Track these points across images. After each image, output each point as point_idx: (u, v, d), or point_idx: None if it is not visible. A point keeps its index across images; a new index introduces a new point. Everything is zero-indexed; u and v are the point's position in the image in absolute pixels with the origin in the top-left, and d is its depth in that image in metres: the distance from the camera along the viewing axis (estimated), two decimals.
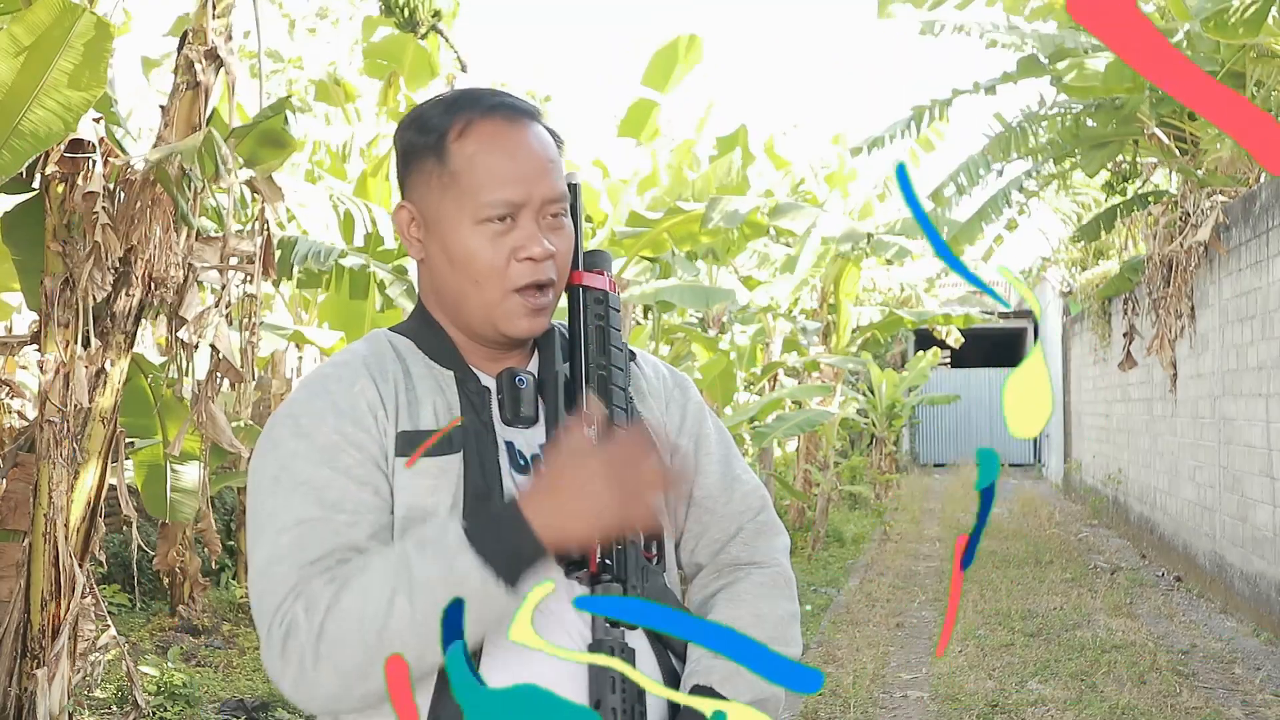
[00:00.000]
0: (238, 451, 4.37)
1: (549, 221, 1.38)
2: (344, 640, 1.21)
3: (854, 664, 6.12)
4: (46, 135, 3.45)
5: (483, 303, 1.38)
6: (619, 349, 1.43)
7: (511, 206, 1.36)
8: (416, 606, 1.21)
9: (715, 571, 1.49)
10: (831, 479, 11.33)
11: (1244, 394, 7.45)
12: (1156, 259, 9.00)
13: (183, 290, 3.98)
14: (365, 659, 1.21)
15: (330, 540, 1.27)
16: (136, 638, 6.26)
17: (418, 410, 1.37)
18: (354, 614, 1.22)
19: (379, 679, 1.22)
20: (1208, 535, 8.46)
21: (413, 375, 1.40)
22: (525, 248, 1.35)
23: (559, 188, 1.39)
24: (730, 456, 1.56)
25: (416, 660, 1.22)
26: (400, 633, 1.21)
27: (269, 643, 1.25)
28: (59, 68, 3.32)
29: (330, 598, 1.23)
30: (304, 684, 1.24)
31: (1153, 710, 5.31)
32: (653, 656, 1.38)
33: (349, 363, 1.40)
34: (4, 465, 3.99)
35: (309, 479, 1.30)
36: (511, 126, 1.39)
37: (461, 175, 1.36)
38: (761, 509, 1.54)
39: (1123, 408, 12.17)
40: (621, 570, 1.34)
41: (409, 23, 4.51)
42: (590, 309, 1.42)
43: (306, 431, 1.32)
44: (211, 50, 3.94)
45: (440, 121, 1.39)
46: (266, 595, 1.27)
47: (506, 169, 1.36)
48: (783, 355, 11.60)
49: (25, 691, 3.86)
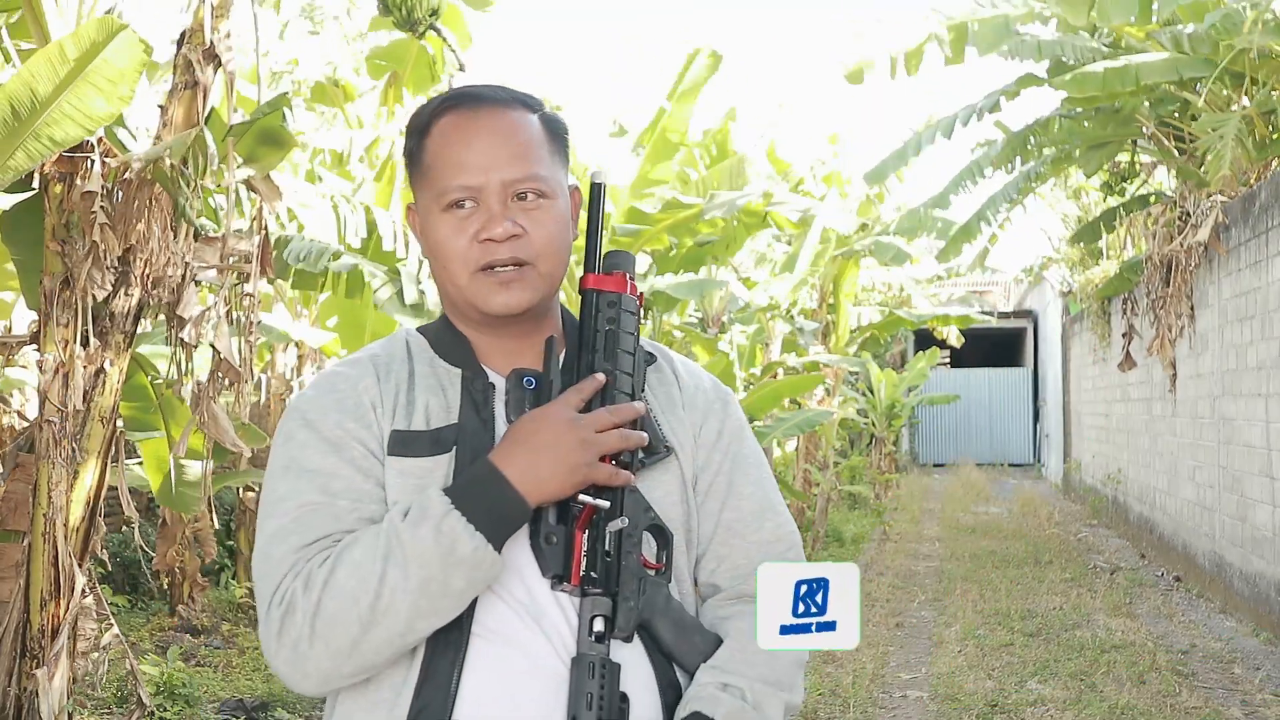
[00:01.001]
0: (240, 451, 4.37)
1: (519, 205, 1.39)
2: (339, 616, 1.25)
3: (854, 664, 6.12)
4: (63, 140, 3.49)
5: (456, 286, 1.41)
6: (628, 353, 1.41)
7: (469, 191, 1.39)
8: (409, 574, 1.25)
9: (733, 598, 1.45)
10: (831, 479, 11.34)
11: (1243, 394, 7.45)
12: (1156, 259, 9.00)
13: (181, 290, 3.98)
14: (359, 632, 1.25)
15: (330, 524, 1.31)
16: (136, 637, 6.26)
17: (412, 411, 1.39)
18: (348, 590, 1.25)
19: (369, 653, 1.26)
20: (1207, 535, 8.46)
21: (416, 375, 1.43)
22: (485, 229, 1.38)
23: (527, 169, 1.39)
24: (767, 483, 1.52)
25: (406, 629, 1.26)
26: (393, 604, 1.25)
27: (267, 621, 1.29)
28: (90, 80, 3.38)
29: (326, 574, 1.26)
30: (298, 662, 1.27)
31: (1152, 710, 5.31)
32: (649, 667, 1.37)
33: (359, 360, 1.45)
34: (4, 465, 3.99)
35: (317, 468, 1.34)
36: (472, 116, 1.41)
37: (430, 169, 1.42)
38: (790, 546, 1.50)
39: (1122, 408, 12.17)
40: (611, 582, 1.33)
41: (407, 21, 4.51)
42: (601, 312, 1.41)
43: (314, 425, 1.37)
44: (209, 50, 3.94)
45: (418, 123, 1.44)
46: (267, 576, 1.31)
47: (462, 156, 1.39)
48: (782, 355, 11.60)
49: (25, 691, 3.86)
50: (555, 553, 1.32)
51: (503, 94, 1.44)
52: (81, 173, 3.83)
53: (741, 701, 1.34)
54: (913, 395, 15.70)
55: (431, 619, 1.27)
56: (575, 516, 1.33)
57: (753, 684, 1.36)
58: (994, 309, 22.13)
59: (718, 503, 1.47)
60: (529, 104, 1.45)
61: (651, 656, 1.38)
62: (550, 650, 1.33)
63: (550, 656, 1.33)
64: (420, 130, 1.43)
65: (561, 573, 1.32)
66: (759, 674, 1.37)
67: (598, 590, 1.33)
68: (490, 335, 1.45)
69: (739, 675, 1.36)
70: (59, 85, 3.36)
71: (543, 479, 1.28)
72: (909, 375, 14.97)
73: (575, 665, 1.31)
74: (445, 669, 1.31)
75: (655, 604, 1.37)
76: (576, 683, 1.30)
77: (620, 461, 1.36)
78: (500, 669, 1.32)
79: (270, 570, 1.30)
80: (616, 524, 1.34)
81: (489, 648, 1.32)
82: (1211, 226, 7.87)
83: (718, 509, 1.47)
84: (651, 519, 1.38)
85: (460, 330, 1.46)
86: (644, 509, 1.38)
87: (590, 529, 1.34)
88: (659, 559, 1.39)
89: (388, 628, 1.25)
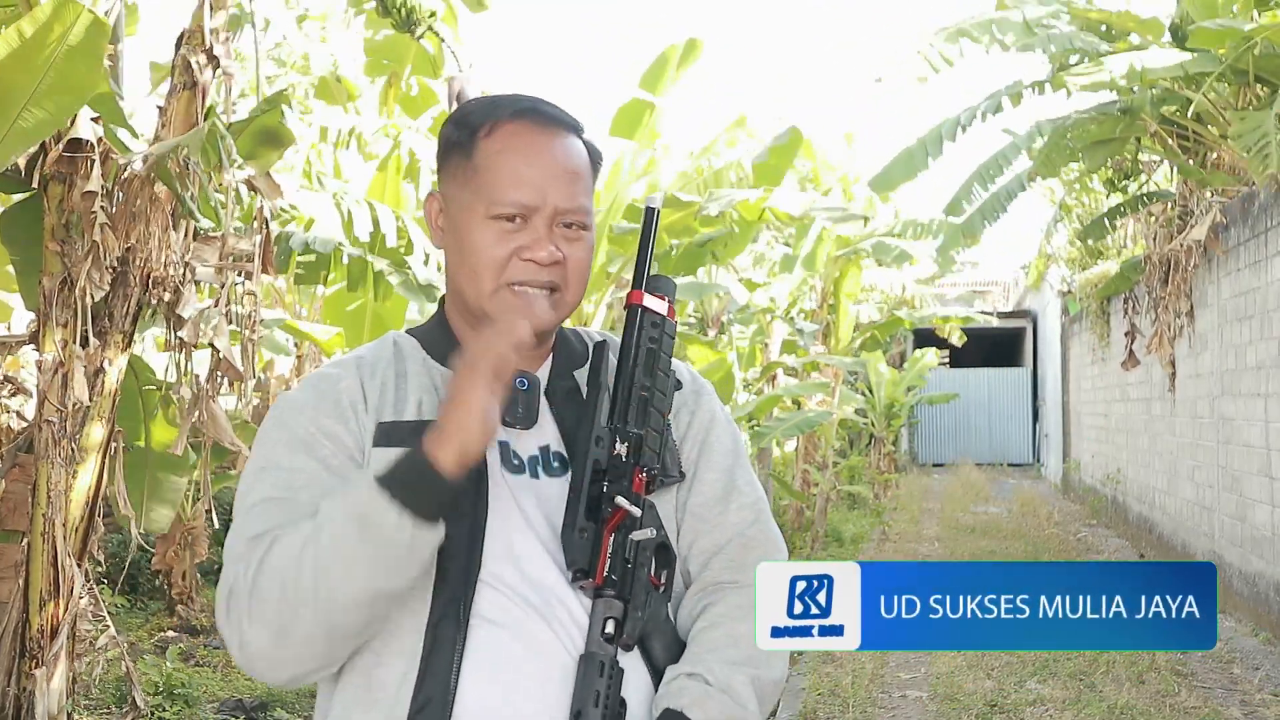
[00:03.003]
0: (238, 450, 4.37)
1: (563, 232, 1.41)
2: (270, 593, 1.26)
3: (853, 664, 6.12)
4: (35, 131, 3.45)
5: (477, 292, 1.41)
6: (665, 374, 1.44)
7: (523, 209, 1.39)
8: (321, 558, 1.24)
9: (700, 590, 1.46)
10: (830, 479, 11.33)
11: (1243, 394, 7.45)
12: (1156, 258, 9.00)
13: (180, 290, 3.98)
14: (290, 611, 1.25)
15: (283, 516, 1.32)
16: (135, 638, 6.26)
17: (404, 404, 1.40)
18: (278, 566, 1.26)
19: (304, 635, 1.25)
20: (1206, 535, 8.46)
21: (407, 374, 1.44)
22: (530, 249, 1.38)
23: (578, 201, 1.41)
24: (736, 468, 1.52)
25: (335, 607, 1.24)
26: (317, 577, 1.24)
27: (219, 609, 1.30)
28: (54, 66, 3.32)
29: (262, 554, 1.28)
30: (245, 646, 1.28)
31: (1151, 710, 5.31)
32: (646, 678, 1.37)
33: (343, 362, 1.46)
34: (3, 465, 3.98)
35: (284, 464, 1.36)
36: (538, 132, 1.42)
37: (482, 171, 1.40)
38: (754, 521, 1.49)
39: (1122, 407, 12.18)
40: (625, 589, 1.34)
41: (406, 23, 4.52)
42: (645, 330, 1.43)
43: (287, 423, 1.39)
44: (209, 51, 3.94)
45: (475, 119, 1.43)
46: (225, 566, 1.33)
47: (524, 172, 1.39)
48: (781, 356, 11.60)
49: (24, 691, 3.86)
50: (584, 546, 1.33)
51: (566, 117, 1.46)
52: (82, 172, 3.83)
53: (705, 685, 1.33)
54: (912, 395, 15.70)
55: (361, 597, 1.25)
56: (606, 518, 1.35)
57: (714, 666, 1.35)
58: (993, 309, 22.15)
59: (685, 490, 1.48)
60: (579, 129, 1.47)
61: (647, 669, 1.38)
62: (556, 643, 1.33)
63: (557, 649, 1.33)
64: (476, 128, 1.42)
65: (586, 568, 1.33)
66: (721, 655, 1.37)
67: (612, 593, 1.34)
68: None
69: (699, 661, 1.36)
70: (22, 73, 3.30)
71: (450, 432, 1.25)
72: (908, 375, 14.97)
73: (585, 661, 1.31)
74: (445, 662, 1.31)
75: (656, 619, 1.38)
76: (585, 679, 1.30)
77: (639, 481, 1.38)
78: (502, 660, 1.32)
79: (228, 560, 1.33)
80: (644, 534, 1.36)
81: (490, 639, 1.32)
82: (1209, 226, 7.87)
83: (685, 497, 1.48)
84: (661, 538, 1.39)
85: (456, 331, 1.47)
86: (658, 526, 1.40)
87: (616, 533, 1.35)
88: (657, 576, 1.40)
89: (316, 605, 1.24)
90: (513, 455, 1.41)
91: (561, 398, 1.45)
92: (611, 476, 1.37)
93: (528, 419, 1.39)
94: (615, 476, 1.37)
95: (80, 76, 3.38)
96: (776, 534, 1.52)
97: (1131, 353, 10.65)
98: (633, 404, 1.41)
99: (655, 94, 7.87)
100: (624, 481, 1.37)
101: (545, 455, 1.42)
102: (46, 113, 3.39)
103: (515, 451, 1.41)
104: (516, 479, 1.40)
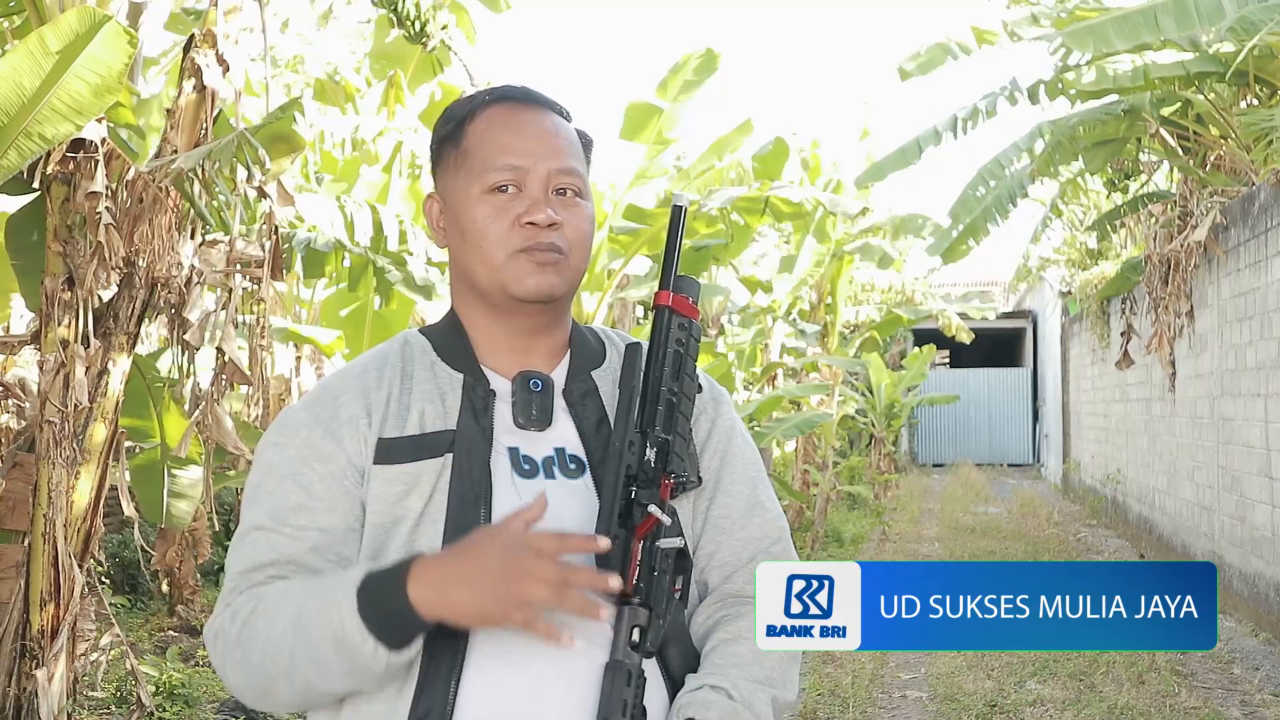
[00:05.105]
0: (241, 453, 4.37)
1: (558, 198, 1.41)
2: (251, 656, 1.30)
3: (853, 664, 6.12)
4: (54, 137, 3.48)
5: (489, 267, 1.40)
6: (690, 378, 1.42)
7: (515, 172, 1.40)
8: (300, 653, 1.27)
9: (719, 600, 1.44)
10: (830, 479, 11.34)
11: (1242, 394, 7.46)
12: (1155, 259, 9.01)
13: (185, 292, 3.98)
14: (266, 680, 1.30)
15: (268, 553, 1.34)
16: (135, 638, 6.26)
17: (405, 417, 1.39)
18: (259, 641, 1.30)
19: (281, 698, 1.31)
20: (1206, 535, 8.47)
21: (414, 379, 1.42)
22: (528, 213, 1.39)
23: (568, 162, 1.42)
24: (758, 481, 1.51)
25: (304, 690, 1.30)
26: (294, 669, 1.28)
27: (207, 640, 1.35)
28: (78, 74, 3.36)
29: (247, 615, 1.31)
30: (230, 686, 1.35)
31: (1151, 710, 5.31)
32: (663, 687, 1.36)
33: (348, 372, 1.46)
34: (4, 465, 3.99)
35: (273, 490, 1.37)
36: (522, 107, 1.44)
37: (472, 151, 1.42)
38: (777, 539, 1.48)
39: (1121, 408, 12.18)
40: (651, 597, 1.33)
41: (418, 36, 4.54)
42: (673, 332, 1.41)
43: (281, 443, 1.39)
44: (219, 54, 3.94)
45: (461, 110, 1.46)
46: (221, 595, 1.37)
47: (511, 141, 1.41)
48: (781, 356, 11.60)
49: (25, 691, 3.86)
50: (614, 553, 1.31)
51: (550, 100, 1.47)
52: (86, 172, 3.83)
53: (729, 700, 1.32)
54: (912, 395, 15.70)
55: (338, 691, 1.31)
56: (636, 525, 1.33)
57: (739, 682, 1.34)
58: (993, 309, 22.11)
59: (706, 500, 1.47)
60: (564, 112, 1.48)
61: (664, 677, 1.37)
62: (582, 653, 1.31)
63: (570, 654, 1.30)
64: (462, 118, 1.44)
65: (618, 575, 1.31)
66: (746, 672, 1.36)
67: (638, 600, 1.32)
68: (504, 329, 1.44)
69: (724, 675, 1.35)
70: (45, 80, 3.33)
71: (452, 602, 1.23)
72: (907, 375, 14.97)
73: (612, 670, 1.30)
74: (445, 668, 1.29)
75: (675, 628, 1.37)
76: (613, 688, 1.29)
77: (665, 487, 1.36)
78: (510, 670, 1.30)
79: (223, 591, 1.36)
80: (672, 543, 1.34)
81: (496, 647, 1.31)
82: (1209, 226, 7.87)
83: (706, 506, 1.47)
84: (680, 546, 1.38)
85: (468, 328, 1.45)
86: (682, 534, 1.39)
87: (646, 540, 1.34)
88: (675, 583, 1.38)
89: (292, 684, 1.29)
90: (523, 460, 1.39)
91: (579, 399, 1.44)
92: (641, 482, 1.35)
93: (542, 421, 1.39)
94: (645, 483, 1.35)
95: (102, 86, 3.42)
96: (795, 557, 1.51)
97: (1126, 353, 10.64)
98: (660, 408, 1.39)
99: (666, 99, 7.88)
100: (654, 488, 1.36)
101: (561, 457, 1.41)
102: (63, 118, 3.42)
103: (526, 455, 1.40)
104: (527, 483, 1.38)
